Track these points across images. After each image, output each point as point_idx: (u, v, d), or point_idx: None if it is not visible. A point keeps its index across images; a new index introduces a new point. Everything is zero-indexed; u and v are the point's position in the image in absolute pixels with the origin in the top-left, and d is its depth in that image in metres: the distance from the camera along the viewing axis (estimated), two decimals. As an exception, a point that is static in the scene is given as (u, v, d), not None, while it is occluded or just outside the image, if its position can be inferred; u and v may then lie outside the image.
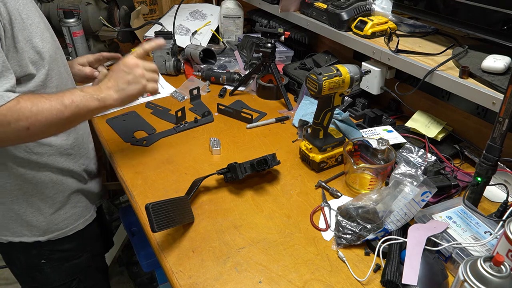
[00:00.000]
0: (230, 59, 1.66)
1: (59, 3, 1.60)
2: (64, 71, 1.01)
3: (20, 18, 0.85)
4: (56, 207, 1.04)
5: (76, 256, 1.14)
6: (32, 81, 0.89)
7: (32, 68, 0.88)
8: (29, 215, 1.01)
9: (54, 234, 1.06)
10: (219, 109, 1.35)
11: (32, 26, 0.89)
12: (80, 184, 1.09)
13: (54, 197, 1.03)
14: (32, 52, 0.88)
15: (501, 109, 0.79)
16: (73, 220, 1.09)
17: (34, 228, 1.03)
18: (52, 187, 1.02)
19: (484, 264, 0.60)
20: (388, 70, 1.26)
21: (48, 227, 1.04)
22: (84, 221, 1.13)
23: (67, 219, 1.07)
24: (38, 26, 0.91)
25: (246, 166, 1.00)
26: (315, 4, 1.40)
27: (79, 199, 1.10)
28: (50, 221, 1.04)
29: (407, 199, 0.86)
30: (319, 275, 0.80)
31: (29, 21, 0.88)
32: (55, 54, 0.96)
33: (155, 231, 0.80)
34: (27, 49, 0.86)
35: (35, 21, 0.90)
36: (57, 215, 1.05)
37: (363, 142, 1.08)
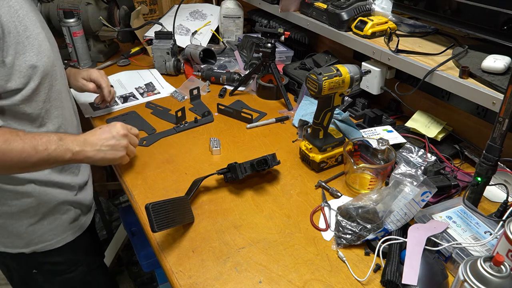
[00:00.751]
0: (230, 59, 1.66)
1: (59, 3, 1.60)
2: (59, 83, 0.97)
3: (16, 32, 0.83)
4: (38, 218, 0.99)
5: (68, 270, 1.09)
6: (18, 95, 0.86)
7: (19, 83, 0.85)
8: (9, 226, 0.97)
9: (39, 246, 1.01)
10: (219, 109, 1.35)
11: (29, 38, 0.86)
12: (68, 194, 1.03)
13: (37, 207, 0.98)
14: (24, 66, 0.85)
15: (501, 109, 0.79)
16: (60, 231, 1.04)
17: (17, 239, 0.99)
18: (36, 197, 0.97)
19: (484, 264, 0.60)
20: (388, 70, 1.26)
21: (30, 238, 1.00)
22: (73, 233, 1.07)
23: (52, 230, 1.02)
24: (36, 38, 0.88)
25: (246, 166, 1.00)
26: (315, 4, 1.40)
27: (67, 210, 1.04)
28: (32, 232, 0.99)
29: (407, 199, 0.86)
30: (319, 275, 0.80)
31: (26, 34, 0.85)
32: (51, 67, 0.92)
33: (155, 231, 0.80)
34: (18, 63, 0.84)
35: (34, 32, 0.88)
36: (39, 226, 1.00)
37: (363, 142, 1.08)
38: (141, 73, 1.59)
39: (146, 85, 1.51)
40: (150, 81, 1.54)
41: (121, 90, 1.48)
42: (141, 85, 1.52)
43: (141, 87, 1.50)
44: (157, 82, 1.54)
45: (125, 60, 1.71)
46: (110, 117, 1.32)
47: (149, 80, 1.55)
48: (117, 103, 1.40)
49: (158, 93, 1.48)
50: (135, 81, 1.54)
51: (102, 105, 1.32)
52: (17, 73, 0.84)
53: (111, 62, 1.70)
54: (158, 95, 1.47)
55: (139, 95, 1.46)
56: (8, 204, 0.95)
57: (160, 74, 1.59)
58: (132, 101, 1.42)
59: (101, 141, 0.93)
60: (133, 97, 1.44)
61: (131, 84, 1.52)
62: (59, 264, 1.08)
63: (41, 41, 0.89)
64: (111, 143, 0.95)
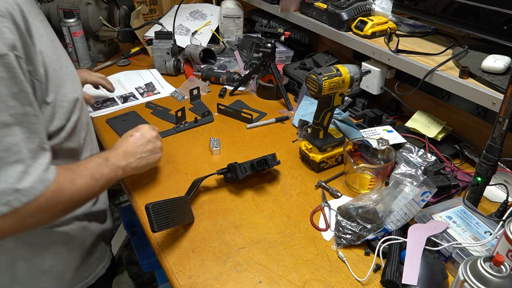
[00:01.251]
0: (230, 59, 1.66)
1: (59, 3, 1.60)
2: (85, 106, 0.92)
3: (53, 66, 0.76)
4: (82, 256, 0.94)
5: None
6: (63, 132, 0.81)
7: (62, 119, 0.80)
8: (54, 269, 0.90)
9: (79, 285, 0.96)
10: (219, 109, 1.35)
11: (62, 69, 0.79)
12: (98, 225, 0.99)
13: (82, 245, 0.93)
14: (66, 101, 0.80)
15: (501, 109, 0.79)
16: (95, 266, 0.99)
17: (59, 282, 0.92)
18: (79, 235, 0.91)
19: (484, 264, 0.60)
20: (388, 70, 1.26)
21: (74, 277, 0.93)
22: (104, 265, 1.02)
23: (90, 267, 0.97)
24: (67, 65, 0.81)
25: (246, 166, 1.00)
26: (315, 4, 1.40)
27: (98, 242, 1.00)
28: (77, 271, 0.94)
29: (407, 199, 0.86)
30: (319, 275, 0.80)
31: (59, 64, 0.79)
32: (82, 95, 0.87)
33: (155, 231, 0.80)
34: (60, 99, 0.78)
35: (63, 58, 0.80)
36: (82, 264, 0.94)
37: (363, 142, 1.08)
38: (141, 73, 1.59)
39: (146, 85, 1.52)
40: (150, 81, 1.54)
41: (121, 90, 1.48)
42: (141, 85, 1.52)
43: (141, 87, 1.50)
44: (157, 82, 1.54)
45: (125, 60, 1.71)
46: (110, 117, 1.31)
47: (149, 80, 1.55)
48: (117, 103, 1.40)
49: (158, 93, 1.48)
50: (135, 81, 1.54)
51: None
52: (60, 109, 0.79)
53: (111, 62, 1.70)
54: (158, 95, 1.47)
55: (139, 95, 1.46)
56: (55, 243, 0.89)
57: (160, 74, 1.59)
58: (132, 101, 1.42)
59: (139, 149, 0.92)
60: (133, 97, 1.44)
61: (131, 84, 1.52)
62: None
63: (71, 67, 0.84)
64: (150, 148, 0.94)
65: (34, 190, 0.66)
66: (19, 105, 0.65)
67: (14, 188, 0.64)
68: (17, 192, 0.64)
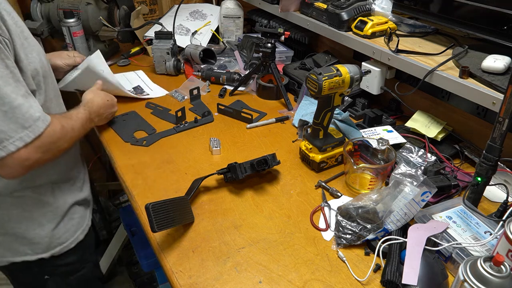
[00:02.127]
0: (230, 59, 1.66)
1: (59, 3, 1.60)
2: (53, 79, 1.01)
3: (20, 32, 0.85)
4: (57, 221, 1.03)
5: (79, 268, 1.13)
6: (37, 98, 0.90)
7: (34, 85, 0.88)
8: (30, 232, 0.99)
9: (57, 249, 1.05)
10: (219, 109, 1.35)
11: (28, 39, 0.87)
12: (77, 193, 1.09)
13: (55, 210, 1.02)
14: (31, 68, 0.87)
15: (501, 109, 0.79)
16: (73, 231, 1.08)
17: (37, 245, 1.01)
18: (53, 202, 1.01)
19: (484, 264, 0.60)
20: (388, 70, 1.26)
21: (50, 242, 1.03)
22: (83, 231, 1.12)
23: (67, 232, 1.06)
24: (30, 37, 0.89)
25: (246, 166, 1.00)
26: (315, 4, 1.40)
27: (76, 209, 1.09)
28: (52, 236, 1.03)
29: (407, 199, 0.86)
30: (319, 275, 0.80)
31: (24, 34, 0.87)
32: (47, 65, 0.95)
33: (155, 231, 0.80)
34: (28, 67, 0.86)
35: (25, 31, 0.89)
36: (58, 229, 1.03)
37: (363, 142, 1.08)
38: (127, 75, 1.57)
39: (135, 88, 1.50)
40: (138, 84, 1.52)
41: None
42: (129, 88, 1.49)
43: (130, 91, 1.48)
44: (144, 84, 1.53)
45: (125, 60, 1.71)
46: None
47: (137, 83, 1.53)
48: None
49: (147, 95, 1.47)
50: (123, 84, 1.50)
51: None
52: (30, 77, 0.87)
53: (111, 62, 1.70)
54: (147, 96, 1.46)
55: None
56: (29, 210, 0.98)
57: (160, 74, 1.58)
58: None
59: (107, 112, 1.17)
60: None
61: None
62: (72, 263, 1.11)
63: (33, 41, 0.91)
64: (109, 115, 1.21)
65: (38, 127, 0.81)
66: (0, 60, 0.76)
67: (23, 126, 0.79)
68: (26, 129, 0.79)
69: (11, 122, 0.78)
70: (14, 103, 0.77)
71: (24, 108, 0.79)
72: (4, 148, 0.77)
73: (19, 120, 0.78)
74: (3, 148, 0.77)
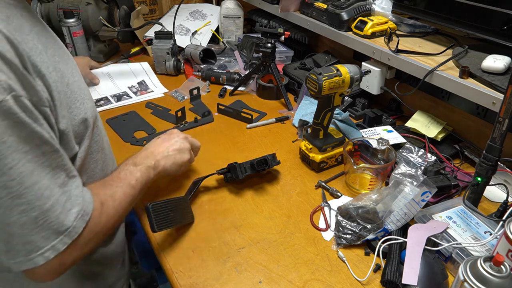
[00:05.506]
0: (230, 59, 1.66)
1: (59, 3, 1.60)
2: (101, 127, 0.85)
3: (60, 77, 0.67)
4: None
5: None
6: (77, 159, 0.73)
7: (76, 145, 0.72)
8: None
9: None
10: (219, 109, 1.35)
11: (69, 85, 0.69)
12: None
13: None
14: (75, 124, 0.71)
15: (501, 109, 0.79)
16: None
17: None
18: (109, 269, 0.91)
19: (484, 264, 0.60)
20: (388, 70, 1.26)
21: None
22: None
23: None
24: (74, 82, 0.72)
25: (246, 166, 1.00)
26: (315, 4, 1.40)
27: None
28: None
29: (407, 199, 0.86)
30: (319, 275, 0.80)
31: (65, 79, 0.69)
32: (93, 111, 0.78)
33: (155, 231, 0.80)
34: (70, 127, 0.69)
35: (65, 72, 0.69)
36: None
37: (363, 142, 1.08)
38: (132, 66, 1.57)
39: (139, 84, 1.50)
40: (143, 79, 1.53)
41: (113, 87, 1.47)
42: (134, 84, 1.50)
43: (134, 86, 1.49)
44: (149, 79, 1.53)
45: (125, 60, 1.71)
46: (107, 116, 1.31)
47: (141, 77, 1.54)
48: (111, 102, 1.40)
49: (152, 92, 1.47)
50: (127, 78, 1.52)
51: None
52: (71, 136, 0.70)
53: (111, 62, 1.70)
54: (152, 93, 1.46)
55: (133, 94, 1.45)
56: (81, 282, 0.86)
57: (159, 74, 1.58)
58: (126, 99, 1.42)
59: (166, 148, 0.90)
60: (126, 96, 1.44)
61: (123, 82, 1.50)
62: None
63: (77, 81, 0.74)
64: (176, 147, 0.91)
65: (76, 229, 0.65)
66: (34, 148, 0.59)
67: (57, 231, 0.62)
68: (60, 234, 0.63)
69: (42, 230, 0.61)
70: (46, 205, 0.61)
71: (59, 207, 0.62)
72: (30, 261, 0.62)
73: (53, 225, 0.62)
74: (29, 261, 0.62)
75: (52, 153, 0.62)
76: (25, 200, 0.59)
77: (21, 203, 0.59)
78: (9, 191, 0.57)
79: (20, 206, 0.59)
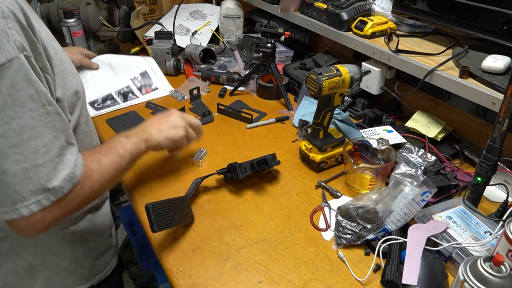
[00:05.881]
0: (230, 59, 1.66)
1: (59, 3, 1.60)
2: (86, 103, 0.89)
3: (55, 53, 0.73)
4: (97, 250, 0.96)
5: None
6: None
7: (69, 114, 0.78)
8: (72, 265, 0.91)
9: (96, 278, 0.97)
10: (219, 109, 1.35)
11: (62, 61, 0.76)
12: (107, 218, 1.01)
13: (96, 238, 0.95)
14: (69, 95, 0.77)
15: (501, 109, 0.79)
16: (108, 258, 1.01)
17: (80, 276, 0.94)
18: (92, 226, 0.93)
19: (484, 264, 0.60)
20: (388, 70, 1.26)
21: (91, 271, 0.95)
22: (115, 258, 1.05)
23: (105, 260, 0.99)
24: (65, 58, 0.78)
25: (246, 166, 1.00)
26: (315, 4, 1.40)
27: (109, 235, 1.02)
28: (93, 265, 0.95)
29: (407, 199, 0.86)
30: (319, 275, 0.80)
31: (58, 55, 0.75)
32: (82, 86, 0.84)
33: (155, 231, 0.80)
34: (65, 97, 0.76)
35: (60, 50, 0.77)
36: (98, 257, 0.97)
37: (363, 142, 1.08)
38: (136, 59, 1.54)
39: (142, 75, 1.48)
40: (145, 70, 1.50)
41: (115, 79, 1.45)
42: (136, 75, 1.47)
43: (137, 78, 1.46)
44: (152, 72, 1.51)
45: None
46: (109, 117, 1.31)
47: (144, 68, 1.51)
48: (118, 102, 1.40)
49: (156, 89, 1.46)
50: (128, 68, 1.49)
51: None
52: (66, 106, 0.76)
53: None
54: (157, 91, 1.46)
55: (138, 91, 1.45)
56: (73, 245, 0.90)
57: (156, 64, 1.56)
58: (132, 99, 1.42)
59: (160, 124, 0.93)
60: (132, 94, 1.44)
61: (125, 74, 1.48)
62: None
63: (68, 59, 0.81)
64: (170, 124, 0.94)
65: (63, 189, 0.67)
66: (40, 106, 0.64)
67: (44, 188, 0.65)
68: (47, 191, 0.66)
69: (30, 183, 0.64)
70: (39, 160, 0.64)
71: (50, 166, 0.66)
72: (15, 211, 0.65)
73: (41, 180, 0.65)
74: (15, 211, 0.65)
75: (56, 115, 0.68)
76: (20, 150, 0.63)
77: (16, 153, 0.63)
78: (8, 140, 0.62)
79: (15, 155, 0.63)
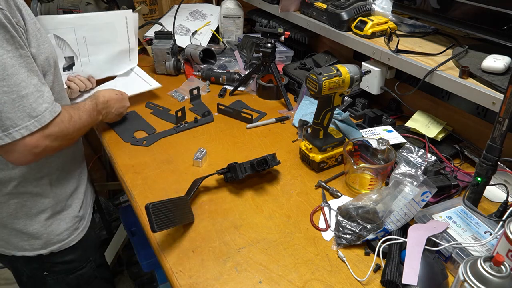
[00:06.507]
0: (230, 59, 1.66)
1: (59, 3, 1.60)
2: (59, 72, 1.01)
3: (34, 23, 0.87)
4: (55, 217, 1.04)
5: (79, 267, 1.14)
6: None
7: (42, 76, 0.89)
8: (28, 228, 1.01)
9: (56, 246, 1.06)
10: (219, 109, 1.35)
11: (40, 31, 0.89)
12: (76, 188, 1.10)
13: (54, 207, 1.03)
14: (41, 59, 0.89)
15: (501, 109, 0.79)
16: (73, 229, 1.08)
17: (35, 241, 1.02)
18: (52, 197, 1.02)
19: (484, 264, 0.60)
20: (388, 70, 1.26)
21: (49, 238, 1.04)
22: (83, 229, 1.12)
23: (67, 230, 1.07)
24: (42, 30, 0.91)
25: (246, 166, 1.00)
26: (315, 4, 1.40)
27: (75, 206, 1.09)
28: (51, 233, 1.04)
29: (407, 199, 0.86)
30: (319, 275, 0.80)
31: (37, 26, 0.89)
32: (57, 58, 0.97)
33: (155, 231, 0.80)
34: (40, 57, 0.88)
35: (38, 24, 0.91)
36: (56, 226, 1.04)
37: (363, 142, 1.08)
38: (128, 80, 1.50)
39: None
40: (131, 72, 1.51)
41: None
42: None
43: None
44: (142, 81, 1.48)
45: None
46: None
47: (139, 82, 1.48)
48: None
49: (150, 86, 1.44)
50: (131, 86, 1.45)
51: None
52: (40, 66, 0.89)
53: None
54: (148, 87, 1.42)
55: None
56: (28, 205, 0.99)
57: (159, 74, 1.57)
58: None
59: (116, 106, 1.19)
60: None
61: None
62: (72, 262, 1.11)
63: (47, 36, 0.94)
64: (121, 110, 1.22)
65: (45, 118, 0.83)
66: (14, 49, 0.79)
67: (30, 115, 0.81)
68: (32, 118, 0.81)
69: (18, 111, 0.80)
70: (22, 92, 0.80)
71: (32, 98, 0.81)
72: (9, 135, 0.80)
73: (26, 109, 0.80)
74: (8, 135, 0.80)
75: (28, 58, 0.82)
76: (6, 83, 0.78)
77: (3, 85, 0.78)
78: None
79: (3, 87, 0.78)
